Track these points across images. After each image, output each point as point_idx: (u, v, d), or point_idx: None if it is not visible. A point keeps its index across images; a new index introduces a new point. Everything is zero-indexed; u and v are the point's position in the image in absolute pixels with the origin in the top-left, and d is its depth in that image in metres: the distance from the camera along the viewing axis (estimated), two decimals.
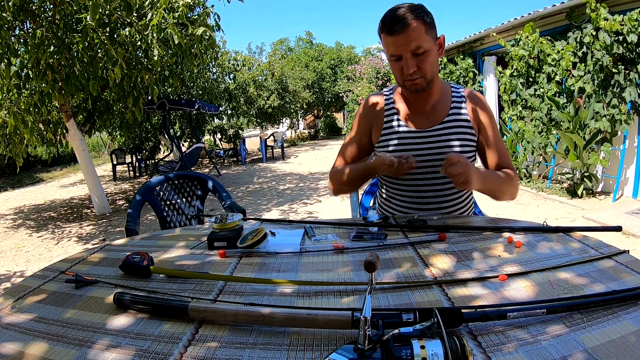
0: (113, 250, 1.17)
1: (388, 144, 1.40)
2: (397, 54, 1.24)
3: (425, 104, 1.38)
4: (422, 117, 1.39)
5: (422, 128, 1.37)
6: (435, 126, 1.37)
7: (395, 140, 1.39)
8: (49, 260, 4.07)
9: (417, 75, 1.25)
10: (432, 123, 1.37)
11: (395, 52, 1.24)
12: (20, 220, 6.29)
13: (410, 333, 0.53)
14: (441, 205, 1.40)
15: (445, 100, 1.40)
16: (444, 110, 1.38)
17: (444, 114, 1.38)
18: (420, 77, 1.26)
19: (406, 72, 1.25)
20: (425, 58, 1.24)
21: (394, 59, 1.26)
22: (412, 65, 1.23)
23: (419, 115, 1.39)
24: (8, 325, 0.74)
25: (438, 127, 1.36)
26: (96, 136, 16.28)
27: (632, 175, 4.91)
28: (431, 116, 1.38)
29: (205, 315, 0.71)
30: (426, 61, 1.24)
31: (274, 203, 6.13)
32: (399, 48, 1.22)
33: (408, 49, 1.21)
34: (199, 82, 10.56)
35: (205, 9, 5.02)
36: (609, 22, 4.53)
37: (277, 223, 1.39)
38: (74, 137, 5.77)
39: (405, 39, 1.20)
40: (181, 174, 2.18)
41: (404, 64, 1.24)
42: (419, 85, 1.28)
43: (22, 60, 4.57)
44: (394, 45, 1.23)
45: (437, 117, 1.38)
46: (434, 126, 1.37)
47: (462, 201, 1.43)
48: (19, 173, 12.29)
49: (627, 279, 0.78)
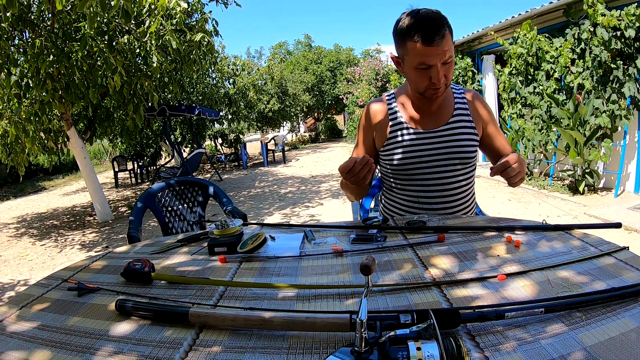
0: (115, 258, 1.17)
1: (395, 147, 1.40)
2: (430, 64, 1.21)
3: (429, 105, 1.39)
4: (428, 118, 1.40)
5: (429, 129, 1.38)
6: (442, 126, 1.38)
7: (402, 143, 1.39)
8: (53, 268, 4.08)
9: (444, 84, 1.25)
10: (439, 124, 1.39)
11: (429, 62, 1.20)
12: (23, 228, 6.31)
13: (406, 335, 0.54)
14: (446, 205, 1.41)
15: (448, 100, 1.42)
16: (449, 110, 1.40)
17: (449, 114, 1.39)
18: (442, 87, 1.26)
19: (436, 82, 1.23)
20: (450, 67, 1.24)
21: (422, 67, 1.22)
22: (442, 75, 1.22)
23: (425, 117, 1.40)
24: (12, 334, 0.75)
25: (445, 127, 1.38)
26: (97, 143, 16.33)
27: (634, 170, 4.90)
28: (437, 117, 1.40)
29: (206, 320, 0.71)
30: (451, 70, 1.25)
31: (276, 207, 6.13)
32: (433, 58, 1.19)
33: (442, 60, 1.20)
34: (199, 88, 10.59)
35: (203, 15, 5.04)
36: (606, 18, 4.53)
37: (277, 227, 1.39)
38: (75, 145, 5.80)
39: (441, 50, 1.17)
40: (182, 180, 2.19)
41: (433, 74, 1.22)
42: (441, 92, 1.29)
43: (22, 69, 4.59)
44: (428, 56, 1.19)
45: (442, 118, 1.39)
46: (440, 127, 1.38)
47: (467, 201, 1.45)
48: (21, 182, 12.34)
49: (627, 275, 0.78)
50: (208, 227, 1.18)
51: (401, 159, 1.39)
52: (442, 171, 1.37)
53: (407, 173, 1.41)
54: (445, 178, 1.38)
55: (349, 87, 14.69)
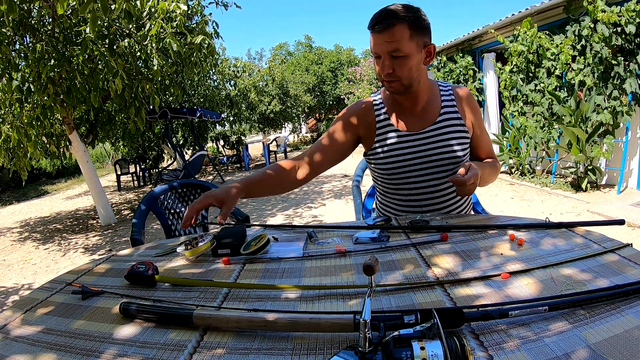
0: (118, 261, 1.18)
1: (382, 150, 1.39)
2: (376, 53, 1.24)
3: (414, 105, 1.37)
4: (414, 118, 1.37)
5: (415, 130, 1.36)
6: (428, 127, 1.35)
7: (389, 146, 1.37)
8: (56, 272, 4.10)
9: (393, 78, 1.25)
10: (425, 124, 1.36)
11: (374, 50, 1.24)
12: (27, 232, 6.33)
13: (410, 334, 0.54)
14: (438, 207, 1.39)
15: (434, 100, 1.38)
16: (435, 110, 1.37)
17: (435, 114, 1.36)
18: (396, 81, 1.25)
19: (380, 72, 1.26)
20: (403, 62, 1.21)
21: (374, 56, 1.27)
22: (387, 67, 1.22)
23: (410, 117, 1.37)
24: (17, 338, 0.75)
25: (431, 128, 1.35)
26: (99, 147, 16.37)
27: (636, 166, 4.89)
28: (423, 117, 1.37)
29: (210, 323, 0.71)
30: (404, 66, 1.22)
31: (279, 208, 6.14)
32: (377, 47, 1.22)
33: (385, 50, 1.20)
34: (200, 90, 10.61)
35: (203, 17, 5.06)
36: (606, 14, 4.52)
37: (280, 229, 1.40)
38: (77, 149, 5.82)
39: (383, 39, 1.19)
40: (185, 183, 2.19)
41: (380, 65, 1.25)
42: (395, 88, 1.28)
43: (24, 74, 4.61)
44: (374, 44, 1.23)
45: (428, 118, 1.36)
46: (427, 127, 1.35)
47: (458, 200, 1.43)
48: (24, 186, 12.39)
49: (631, 273, 0.77)
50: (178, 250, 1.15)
51: (388, 163, 1.37)
52: (430, 173, 1.34)
53: (395, 177, 1.39)
54: (434, 180, 1.35)
55: (350, 88, 14.70)
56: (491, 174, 1.40)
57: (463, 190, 1.16)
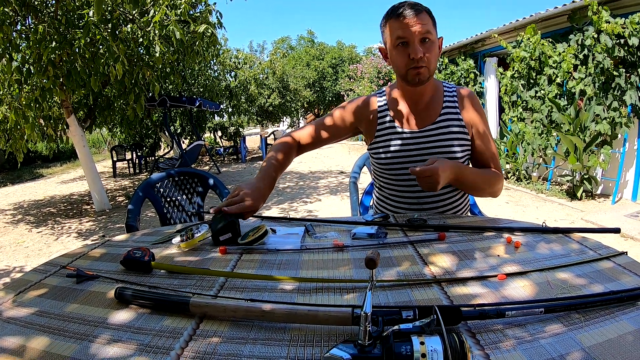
0: (114, 246, 1.17)
1: (382, 146, 1.40)
2: (406, 37, 1.22)
3: (419, 101, 1.37)
4: (416, 116, 1.38)
5: (415, 129, 1.37)
6: (428, 126, 1.36)
7: (389, 142, 1.39)
8: (49, 255, 4.08)
9: (423, 63, 1.24)
10: (425, 123, 1.37)
11: (404, 35, 1.22)
12: (20, 215, 6.29)
13: (409, 329, 0.54)
14: (436, 205, 1.40)
15: (437, 98, 1.39)
16: (437, 109, 1.38)
17: (436, 113, 1.37)
18: (424, 67, 1.25)
19: (413, 56, 1.22)
20: (432, 47, 1.24)
21: (400, 42, 1.24)
22: (419, 50, 1.22)
23: (412, 115, 1.38)
24: (9, 319, 0.75)
25: (431, 128, 1.36)
26: (97, 132, 16.28)
27: (632, 178, 4.92)
28: (424, 116, 1.38)
29: (206, 311, 0.71)
30: (432, 51, 1.25)
31: (274, 201, 6.13)
32: (407, 30, 1.21)
33: (418, 31, 1.20)
34: (200, 80, 10.56)
35: (207, 7, 5.02)
36: (610, 25, 4.54)
37: (277, 221, 1.39)
38: (74, 133, 5.78)
39: (416, 22, 1.20)
40: (182, 171, 2.19)
41: (411, 49, 1.22)
42: (423, 75, 1.26)
43: (24, 55, 4.57)
44: (403, 28, 1.21)
45: (429, 117, 1.37)
46: (427, 126, 1.36)
47: (456, 200, 1.43)
48: (19, 168, 12.31)
49: (625, 280, 0.78)
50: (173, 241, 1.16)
51: (387, 159, 1.39)
52: None
53: (393, 174, 1.40)
54: None
55: (351, 84, 14.69)
56: (482, 183, 1.35)
57: (420, 183, 1.19)
